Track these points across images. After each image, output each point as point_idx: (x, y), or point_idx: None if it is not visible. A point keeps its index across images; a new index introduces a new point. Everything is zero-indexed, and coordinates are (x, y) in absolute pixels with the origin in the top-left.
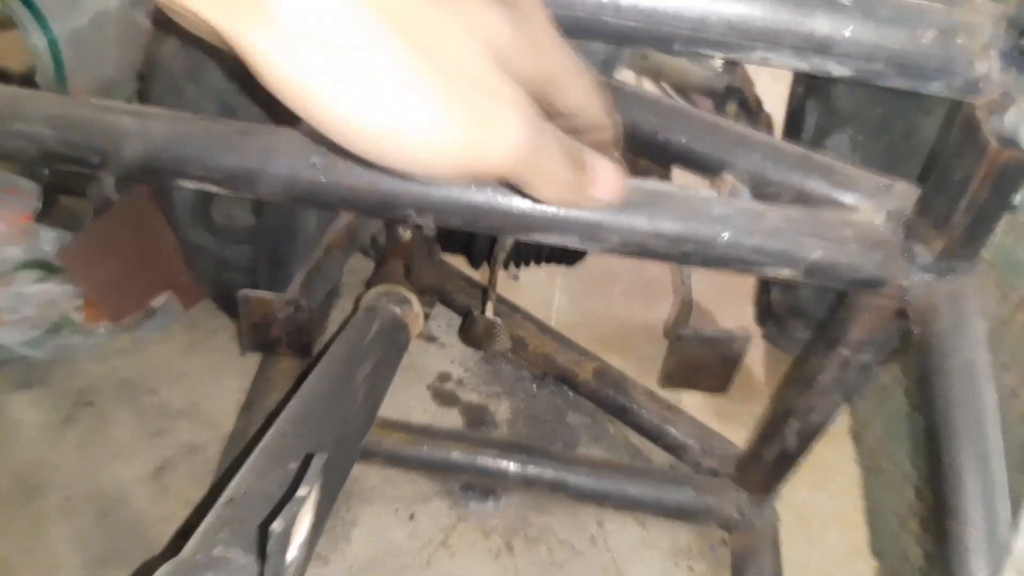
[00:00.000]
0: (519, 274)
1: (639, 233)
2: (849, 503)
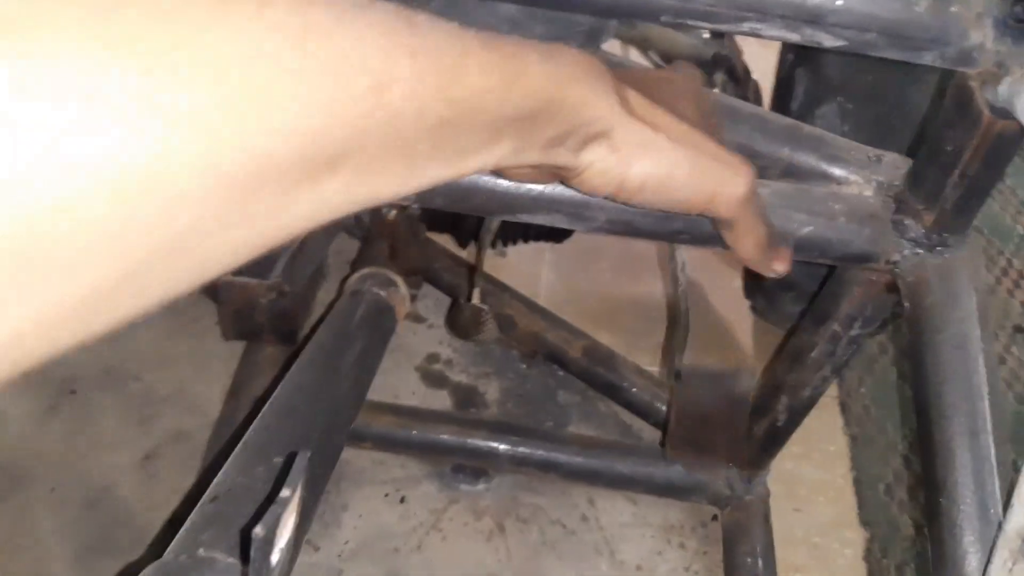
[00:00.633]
0: (506, 251)
1: (627, 211)
2: (836, 473)
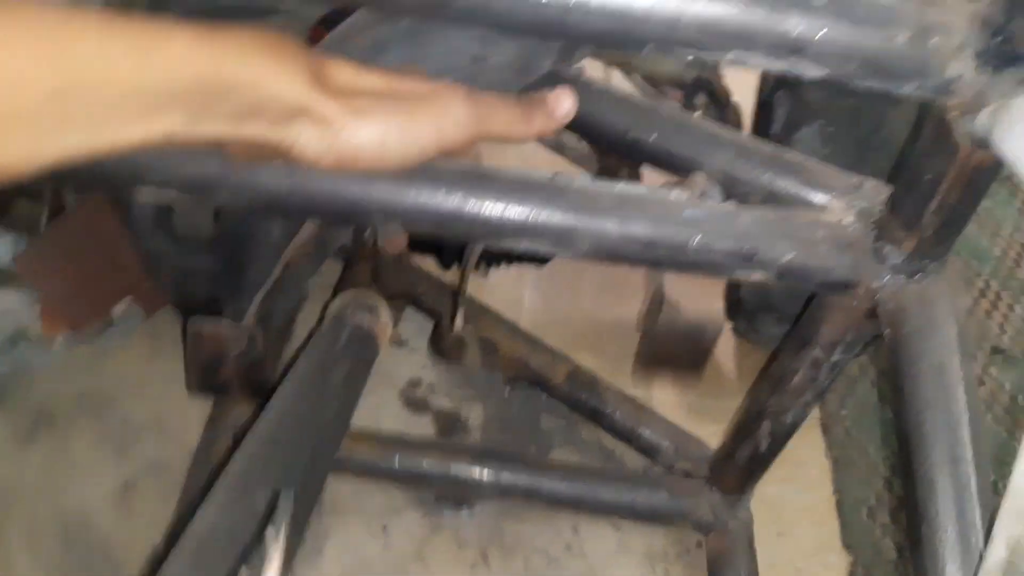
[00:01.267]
0: (489, 273)
1: (610, 238)
2: (819, 496)
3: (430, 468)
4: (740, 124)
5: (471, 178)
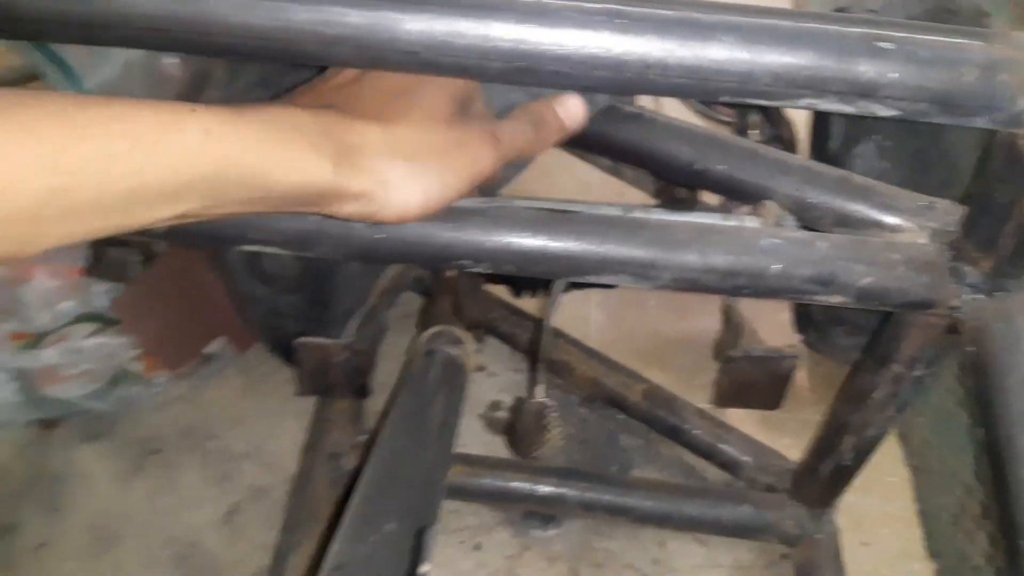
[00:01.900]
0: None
1: (691, 270)
2: (900, 504)
3: (517, 488)
4: (794, 140)
5: (552, 219)
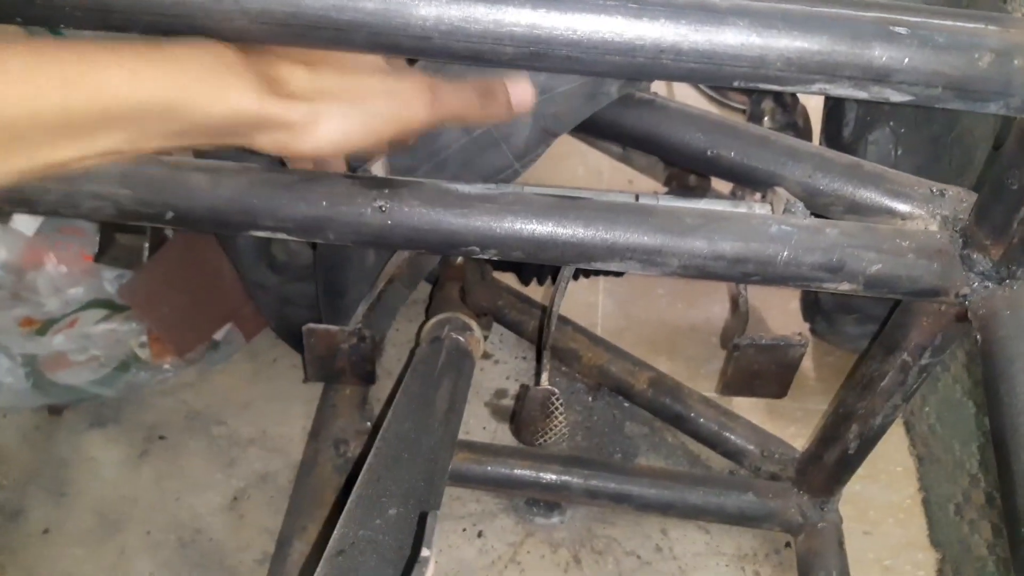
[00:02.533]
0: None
1: (699, 257)
2: (904, 493)
3: (521, 475)
4: (809, 126)
5: (560, 205)
